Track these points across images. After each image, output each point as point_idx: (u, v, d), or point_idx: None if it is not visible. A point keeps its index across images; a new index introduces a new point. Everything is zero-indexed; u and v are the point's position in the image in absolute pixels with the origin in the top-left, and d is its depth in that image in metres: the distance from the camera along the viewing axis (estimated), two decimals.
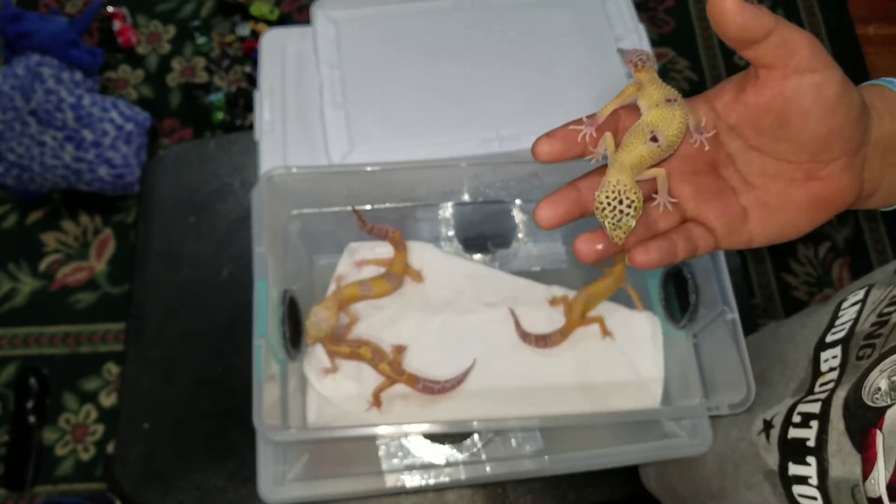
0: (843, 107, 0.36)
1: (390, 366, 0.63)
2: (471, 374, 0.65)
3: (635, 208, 0.35)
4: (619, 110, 0.39)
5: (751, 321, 0.71)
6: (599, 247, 0.38)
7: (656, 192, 0.38)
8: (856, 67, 1.74)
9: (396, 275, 0.67)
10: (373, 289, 0.66)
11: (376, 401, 0.63)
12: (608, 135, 0.37)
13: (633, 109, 0.39)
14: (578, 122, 0.38)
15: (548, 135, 0.38)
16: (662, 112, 0.37)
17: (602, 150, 0.37)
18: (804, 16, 1.81)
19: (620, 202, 0.35)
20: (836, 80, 0.35)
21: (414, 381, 0.63)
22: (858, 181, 0.39)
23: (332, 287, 0.68)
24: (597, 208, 0.36)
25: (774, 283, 1.54)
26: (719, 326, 0.59)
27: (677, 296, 0.65)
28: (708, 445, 0.58)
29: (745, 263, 1.54)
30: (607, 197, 0.35)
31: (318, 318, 0.62)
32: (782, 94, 0.36)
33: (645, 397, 0.66)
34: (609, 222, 0.35)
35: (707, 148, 0.38)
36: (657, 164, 0.38)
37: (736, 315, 0.57)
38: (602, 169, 0.38)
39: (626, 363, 0.67)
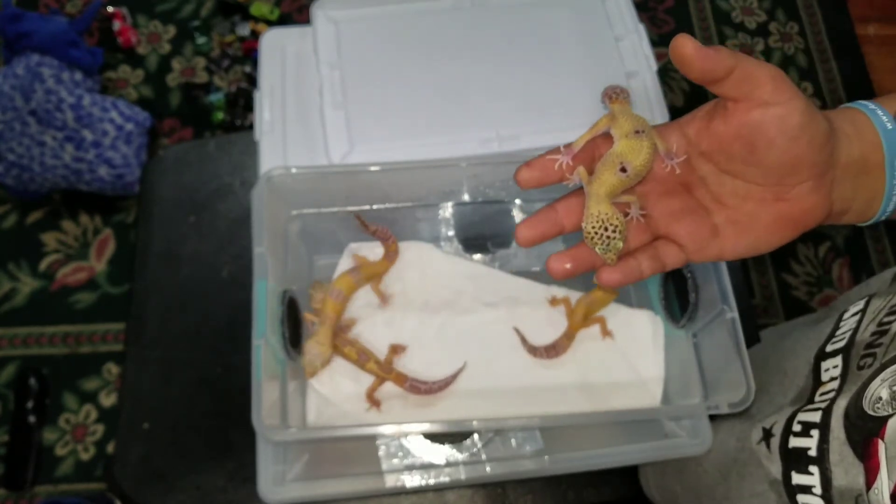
0: (806, 135, 0.38)
1: (377, 364, 0.63)
2: (471, 373, 0.65)
3: (620, 231, 0.39)
4: (596, 139, 0.42)
5: (751, 321, 0.71)
6: (568, 266, 0.41)
7: (629, 208, 0.42)
8: (856, 67, 1.74)
9: (362, 275, 0.67)
10: (342, 292, 0.65)
11: (370, 400, 0.63)
12: (581, 168, 0.41)
13: (609, 138, 0.41)
14: (556, 151, 0.41)
15: (527, 164, 0.41)
16: (631, 143, 0.40)
17: (577, 179, 0.41)
18: (804, 16, 1.81)
19: (606, 229, 0.39)
20: (798, 111, 0.38)
21: (401, 379, 0.63)
22: (827, 201, 0.41)
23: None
24: (586, 238, 0.39)
25: (774, 283, 1.54)
26: (719, 326, 0.59)
27: (677, 295, 0.65)
28: (708, 445, 0.58)
29: (745, 263, 1.54)
30: (593, 227, 0.39)
31: (312, 355, 0.61)
32: (748, 125, 0.39)
33: (645, 397, 0.66)
34: (600, 248, 0.39)
35: (678, 172, 0.41)
36: (629, 190, 0.41)
37: (735, 314, 0.57)
38: (577, 192, 0.41)
39: (626, 363, 0.67)
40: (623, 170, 0.40)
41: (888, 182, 0.41)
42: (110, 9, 1.67)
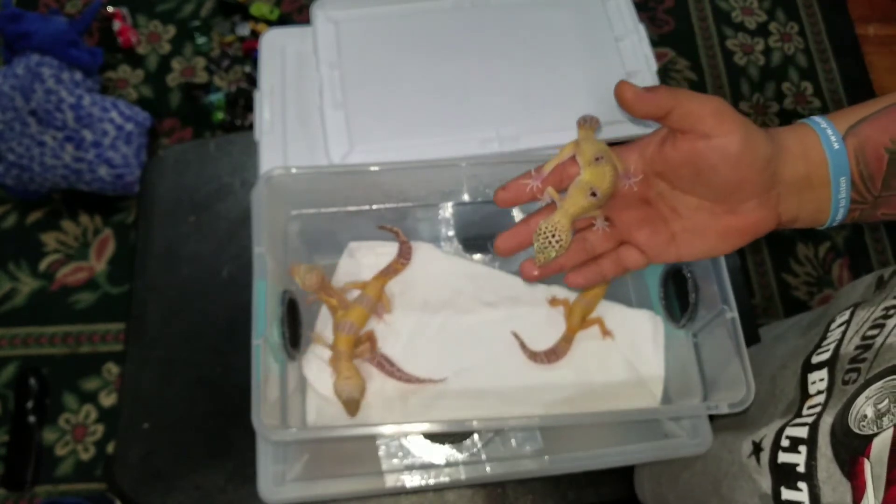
0: (745, 162, 0.42)
1: (358, 310, 0.63)
2: (471, 373, 0.65)
3: (560, 246, 0.45)
4: (564, 162, 0.48)
5: (751, 321, 0.71)
6: (536, 272, 0.48)
7: (595, 221, 0.48)
8: (856, 67, 1.74)
9: (373, 299, 0.65)
10: (355, 325, 0.63)
11: (334, 364, 0.62)
12: (550, 188, 0.47)
13: (574, 161, 0.47)
14: (527, 175, 0.48)
15: (503, 187, 0.48)
16: (596, 170, 0.46)
17: (547, 198, 0.47)
18: (804, 16, 1.81)
19: (553, 236, 0.44)
20: (737, 142, 0.42)
21: (373, 343, 0.64)
22: (773, 214, 0.45)
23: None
24: (535, 232, 0.45)
25: (774, 283, 1.54)
26: (719, 326, 0.59)
27: (677, 295, 0.65)
28: (708, 445, 0.58)
29: (745, 263, 1.55)
30: (546, 229, 0.45)
31: (348, 392, 0.60)
32: (693, 153, 0.43)
33: (645, 396, 0.66)
34: (537, 246, 0.45)
35: (636, 189, 0.47)
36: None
37: (735, 314, 0.57)
38: (550, 206, 0.47)
39: (626, 363, 0.67)
40: (594, 194, 0.45)
41: (833, 197, 0.44)
42: (110, 9, 1.67)
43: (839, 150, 0.43)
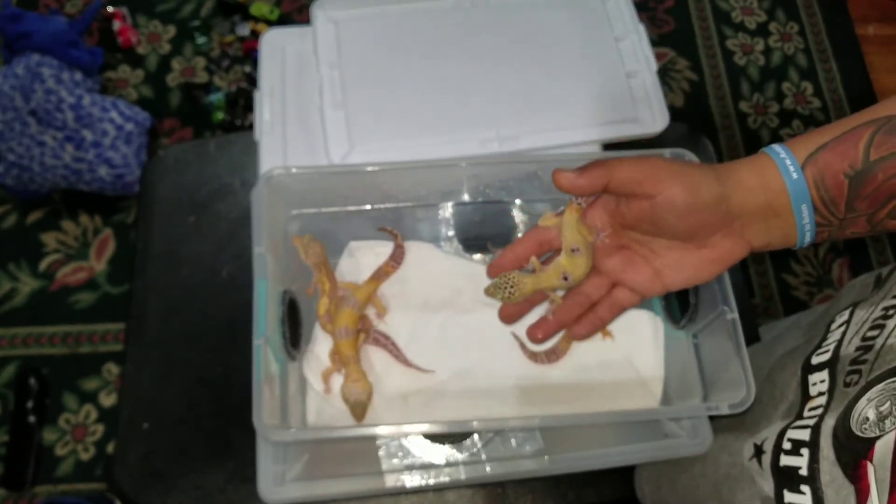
0: (694, 209, 0.46)
1: (352, 310, 0.63)
2: (471, 373, 0.65)
3: (507, 298, 0.54)
4: (549, 229, 0.54)
5: (751, 321, 0.71)
6: (540, 335, 0.56)
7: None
8: (856, 67, 1.74)
9: (360, 301, 0.65)
10: (349, 327, 0.63)
11: (327, 378, 0.62)
12: (533, 258, 0.55)
13: (556, 231, 0.54)
14: (508, 252, 0.55)
15: (492, 265, 0.55)
16: (572, 260, 0.53)
17: (530, 266, 0.55)
18: (804, 16, 1.81)
19: (511, 287, 0.53)
20: (679, 194, 0.45)
21: (369, 323, 0.64)
22: (742, 242, 0.48)
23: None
24: (503, 273, 0.54)
25: (774, 283, 1.54)
26: (719, 326, 0.59)
27: (677, 296, 0.65)
28: (708, 445, 0.58)
29: (745, 263, 1.54)
30: (511, 279, 0.54)
31: (355, 396, 0.60)
32: (643, 211, 0.47)
33: (645, 397, 0.66)
34: (495, 282, 0.54)
35: (608, 241, 0.52)
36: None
37: (736, 315, 0.57)
38: (531, 273, 0.55)
39: (626, 363, 0.67)
40: (565, 278, 0.53)
41: (798, 223, 0.46)
42: (110, 9, 1.67)
43: (798, 180, 0.45)
